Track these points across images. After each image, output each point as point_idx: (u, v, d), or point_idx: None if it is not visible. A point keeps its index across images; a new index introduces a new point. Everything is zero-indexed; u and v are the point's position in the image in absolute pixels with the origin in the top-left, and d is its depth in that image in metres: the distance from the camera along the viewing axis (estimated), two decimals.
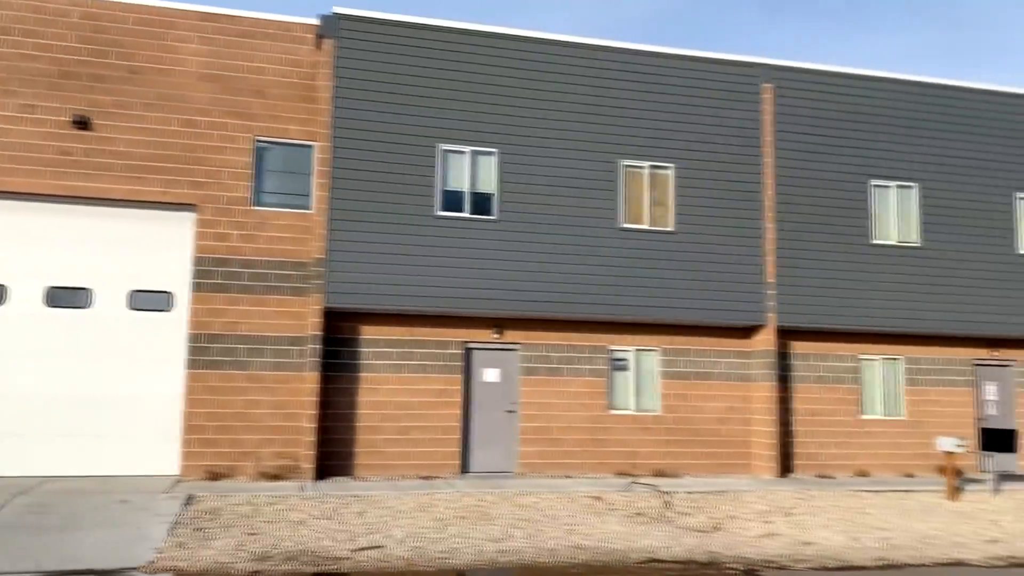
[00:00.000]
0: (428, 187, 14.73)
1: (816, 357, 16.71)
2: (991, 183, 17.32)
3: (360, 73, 14.68)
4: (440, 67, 15.04)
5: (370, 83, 14.70)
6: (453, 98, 15.02)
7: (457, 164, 14.97)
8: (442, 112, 14.94)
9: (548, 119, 15.37)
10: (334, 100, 14.53)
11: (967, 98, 17.43)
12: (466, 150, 14.99)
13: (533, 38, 15.54)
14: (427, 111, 14.87)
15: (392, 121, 14.71)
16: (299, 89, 15.00)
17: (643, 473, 15.42)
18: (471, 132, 15.03)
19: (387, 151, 14.62)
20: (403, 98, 14.80)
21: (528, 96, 15.34)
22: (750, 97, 16.34)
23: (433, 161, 14.80)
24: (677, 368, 16.13)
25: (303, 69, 15.06)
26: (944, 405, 17.22)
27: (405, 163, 14.67)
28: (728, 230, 15.91)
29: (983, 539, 11.40)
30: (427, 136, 14.82)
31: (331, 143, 14.44)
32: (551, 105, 15.42)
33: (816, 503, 13.10)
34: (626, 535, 10.79)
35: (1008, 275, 17.14)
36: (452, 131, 14.94)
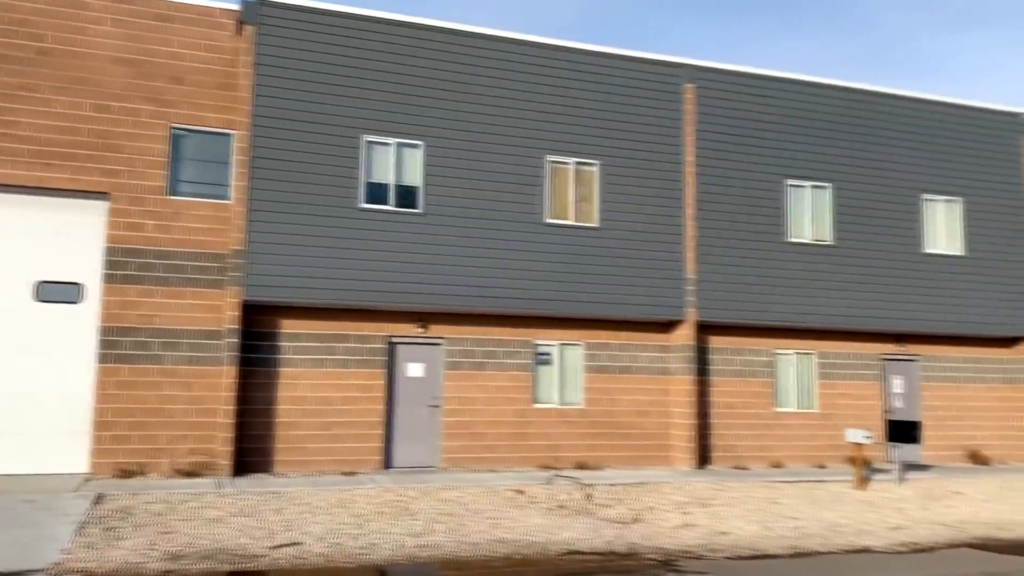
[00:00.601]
0: (351, 179, 14.53)
1: (733, 351, 17.13)
2: (900, 185, 18.03)
3: (282, 61, 14.38)
4: (365, 57, 14.84)
5: (292, 71, 14.41)
6: (378, 89, 14.85)
7: (382, 156, 14.81)
8: (367, 103, 14.75)
9: (475, 113, 15.34)
10: (255, 88, 14.19)
11: (879, 102, 18.11)
12: (391, 142, 14.85)
13: (461, 31, 15.48)
14: (351, 101, 14.66)
15: (315, 111, 14.45)
16: (218, 76, 14.60)
17: (566, 466, 15.57)
18: (396, 124, 14.88)
19: (309, 141, 14.37)
20: (326, 87, 14.56)
21: (455, 89, 15.28)
22: (673, 96, 16.62)
23: (357, 152, 14.61)
24: (600, 362, 16.32)
25: (223, 56, 14.66)
26: (854, 398, 17.88)
27: (328, 154, 14.44)
28: (651, 227, 16.17)
29: (888, 526, 11.89)
30: (351, 127, 14.62)
31: (251, 132, 14.10)
32: (478, 99, 15.39)
33: (732, 494, 13.45)
34: (547, 528, 10.87)
35: (914, 274, 17.89)
36: (377, 122, 14.77)
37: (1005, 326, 18.49)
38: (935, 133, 18.43)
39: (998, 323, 18.41)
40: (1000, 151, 18.92)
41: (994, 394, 18.96)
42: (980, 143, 18.77)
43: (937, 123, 18.49)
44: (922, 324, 17.86)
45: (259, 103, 14.18)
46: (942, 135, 18.48)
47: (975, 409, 18.77)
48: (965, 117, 18.75)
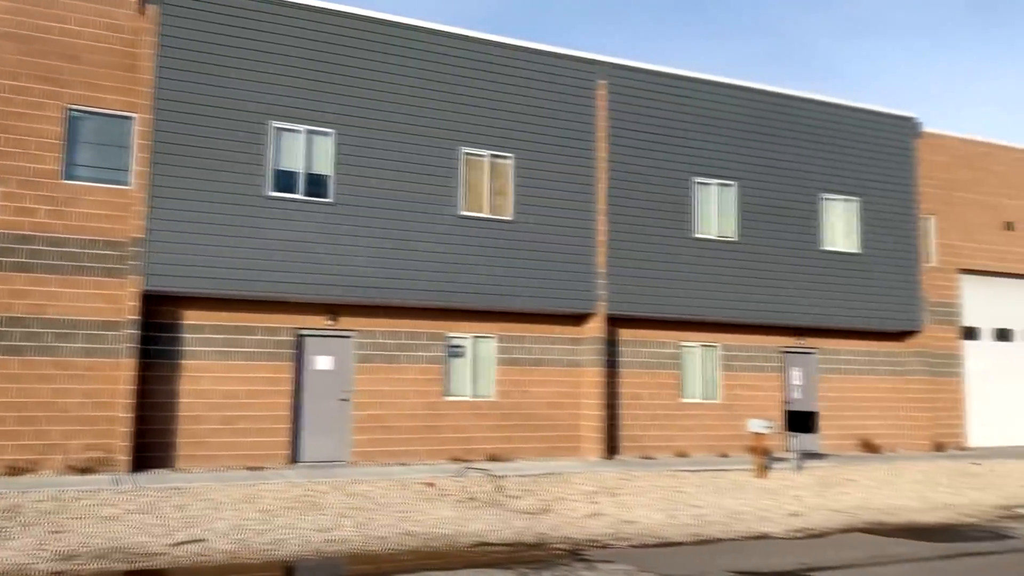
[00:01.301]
0: (259, 166, 14.17)
1: (641, 344, 17.49)
2: (800, 184, 18.72)
3: (186, 43, 13.89)
4: (274, 41, 14.48)
5: (197, 54, 13.94)
6: (287, 74, 14.51)
7: (291, 143, 14.49)
8: (275, 88, 14.40)
9: (389, 102, 15.16)
10: (157, 70, 13.67)
11: (782, 104, 18.74)
12: (301, 129, 14.54)
13: (375, 19, 15.27)
14: (259, 86, 14.29)
15: (221, 95, 14.02)
16: (119, 56, 13.99)
17: (477, 458, 15.61)
18: (306, 111, 14.58)
19: (215, 126, 13.93)
20: (233, 71, 14.15)
21: (368, 77, 15.07)
22: (586, 92, 16.81)
23: (265, 139, 14.25)
24: (513, 355, 16.41)
25: (123, 35, 14.06)
26: (755, 389, 18.51)
27: (234, 140, 14.04)
28: (564, 220, 16.33)
29: (785, 513, 12.35)
30: (259, 112, 14.25)
31: (153, 115, 13.59)
32: (392, 88, 15.22)
33: (639, 483, 13.74)
34: (457, 520, 10.87)
35: (813, 270, 18.62)
36: (286, 108, 14.44)
37: (896, 321, 19.44)
38: (834, 135, 19.20)
39: (890, 318, 19.34)
40: (895, 153, 19.86)
41: (885, 385, 19.92)
42: (876, 145, 19.65)
43: (836, 125, 19.26)
44: (820, 318, 18.61)
45: (162, 86, 13.67)
46: (841, 137, 19.27)
47: (868, 400, 19.69)
48: (863, 120, 19.59)
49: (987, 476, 16.09)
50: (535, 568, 8.56)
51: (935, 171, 20.62)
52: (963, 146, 21.31)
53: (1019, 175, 21.88)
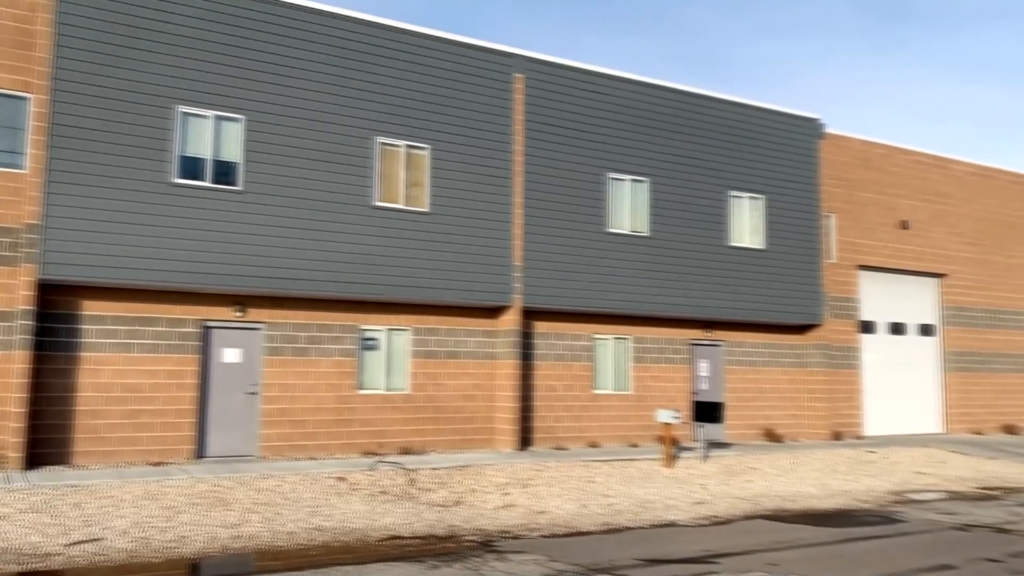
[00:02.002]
0: (164, 152, 13.68)
1: (556, 336, 17.66)
2: (710, 182, 19.20)
3: (86, 20, 13.28)
4: (182, 22, 13.99)
5: (98, 32, 13.34)
6: (196, 57, 14.04)
7: (198, 129, 14.03)
8: (182, 72, 13.91)
9: (302, 88, 14.84)
10: (55, 48, 13.03)
11: (694, 103, 19.17)
12: (209, 114, 14.10)
13: (289, 3, 14.90)
14: (165, 69, 13.78)
15: (124, 77, 13.47)
16: (12, 32, 13.27)
17: (391, 452, 15.49)
18: (215, 96, 14.14)
19: (117, 109, 13.37)
20: (137, 52, 13.60)
21: (281, 63, 14.71)
22: (503, 85, 16.83)
23: (171, 124, 13.76)
24: (428, 347, 16.33)
25: (18, 11, 13.34)
26: (665, 381, 18.94)
27: (138, 124, 13.50)
28: (480, 213, 16.32)
29: (692, 501, 12.68)
30: (164, 96, 13.75)
31: (50, 96, 12.94)
32: (305, 75, 14.90)
33: (551, 474, 13.88)
34: (369, 514, 10.77)
35: (721, 265, 19.14)
36: (193, 93, 13.97)
37: (798, 315, 20.17)
38: (742, 134, 19.76)
39: (792, 312, 20.07)
40: (799, 153, 20.57)
41: (787, 377, 20.67)
42: (782, 145, 20.32)
43: (744, 125, 19.83)
44: (727, 312, 19.16)
45: (60, 65, 13.03)
46: (748, 136, 19.85)
47: (771, 391, 20.39)
48: (769, 120, 20.23)
49: (881, 463, 16.89)
50: (446, 561, 8.55)
51: (837, 171, 21.47)
52: (864, 147, 22.25)
53: (914, 176, 22.99)
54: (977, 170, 24.41)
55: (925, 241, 22.93)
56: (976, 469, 16.92)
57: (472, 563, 8.44)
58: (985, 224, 24.24)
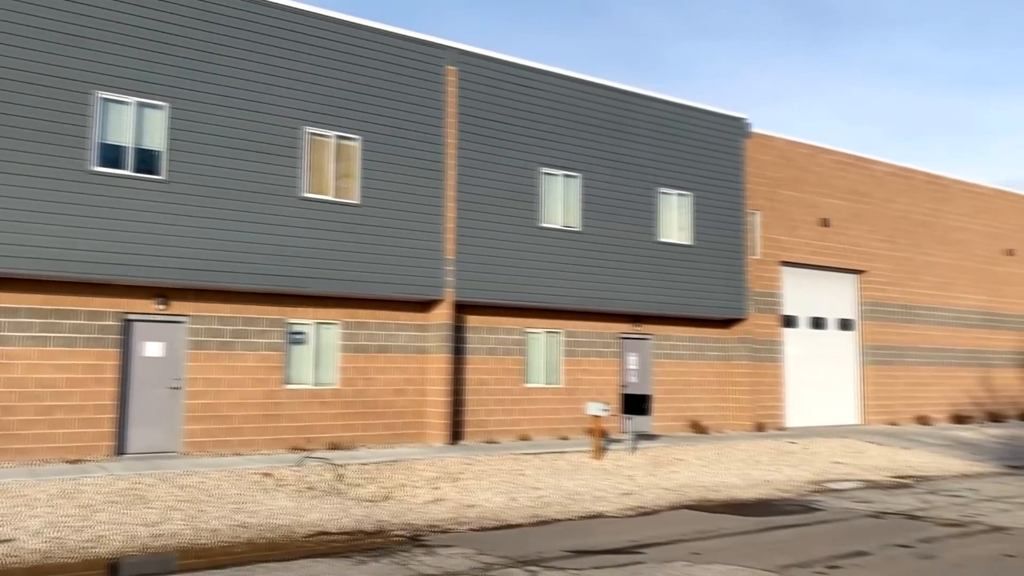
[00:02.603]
0: (83, 139, 13.19)
1: (488, 330, 17.68)
2: (640, 178, 19.47)
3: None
4: (101, 4, 13.49)
5: (11, 12, 12.77)
6: (117, 42, 13.57)
7: (119, 115, 13.57)
8: (102, 56, 13.43)
9: (229, 76, 14.49)
10: None
11: (625, 100, 19.39)
12: (130, 101, 13.65)
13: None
14: (83, 52, 13.28)
15: (39, 60, 12.92)
16: None
17: (319, 447, 15.29)
18: (137, 82, 13.70)
19: (32, 94, 12.83)
20: (53, 35, 13.07)
21: (207, 50, 14.33)
22: (436, 78, 16.73)
23: (90, 110, 13.27)
24: (357, 341, 16.17)
25: None
26: (595, 374, 19.15)
27: (55, 109, 12.98)
28: (412, 206, 16.21)
29: (620, 492, 12.88)
30: (82, 80, 13.25)
31: None
32: (233, 62, 14.54)
33: (481, 467, 13.91)
34: (295, 510, 10.63)
35: (650, 260, 19.43)
36: (114, 78, 13.51)
37: (724, 309, 20.63)
38: (671, 132, 20.08)
39: (718, 306, 20.51)
40: (726, 151, 21.02)
41: (713, 370, 21.13)
42: (709, 143, 20.72)
43: (673, 122, 20.15)
44: (655, 306, 19.46)
45: None
46: (677, 134, 20.18)
47: (697, 383, 20.82)
48: (698, 119, 20.60)
49: (801, 454, 17.43)
50: (374, 556, 8.50)
51: (762, 169, 22.01)
52: (787, 147, 22.86)
53: (835, 176, 23.73)
54: (895, 170, 25.33)
55: (845, 238, 23.69)
56: (891, 459, 17.60)
57: (400, 558, 8.41)
58: (902, 222, 25.18)
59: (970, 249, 26.96)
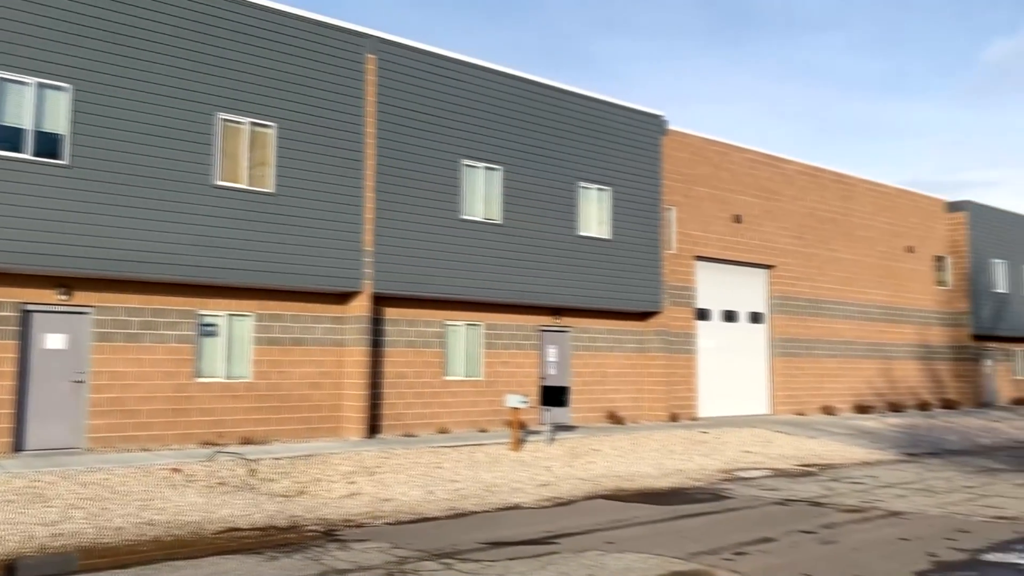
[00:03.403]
0: None
1: (407, 323, 17.56)
2: (561, 172, 19.61)
3: None
4: None
5: None
6: (14, 18, 12.89)
7: (17, 96, 12.91)
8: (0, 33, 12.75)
9: (137, 59, 13.94)
10: None
11: (547, 94, 19.49)
12: (30, 81, 13.00)
13: None
14: None
15: None
16: None
17: (231, 442, 14.91)
18: (37, 61, 13.05)
19: None
20: None
21: (114, 30, 13.75)
22: (355, 66, 16.47)
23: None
24: (272, 334, 15.82)
25: None
26: (515, 366, 19.24)
27: None
28: (329, 196, 15.94)
29: (537, 483, 12.99)
30: None
31: None
32: (141, 43, 14.00)
33: (398, 461, 13.81)
34: (205, 506, 10.35)
35: (570, 253, 19.62)
36: (11, 56, 12.84)
37: (641, 302, 21.00)
38: (591, 127, 20.29)
39: (635, 300, 20.86)
40: (644, 147, 21.36)
41: (629, 362, 21.50)
42: (628, 139, 21.02)
43: (594, 118, 20.37)
44: (575, 299, 19.67)
45: None
46: (597, 129, 20.40)
47: (614, 375, 21.15)
48: (617, 115, 20.87)
49: (713, 443, 17.90)
50: (287, 551, 8.36)
51: (678, 166, 22.46)
52: (703, 144, 23.38)
53: (747, 174, 24.39)
54: (804, 169, 26.21)
55: (756, 234, 24.41)
56: (797, 448, 18.25)
57: (313, 553, 8.29)
58: (810, 219, 26.08)
59: (873, 246, 28.14)
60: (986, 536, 9.42)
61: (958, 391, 30.52)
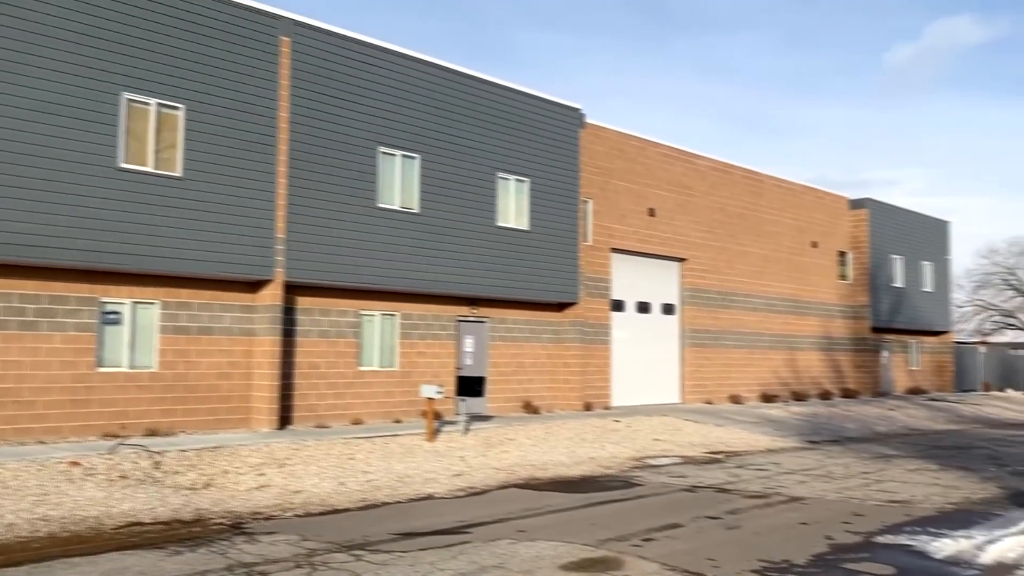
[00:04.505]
0: None
1: (320, 312, 17.26)
2: (480, 162, 19.58)
3: None
4: None
5: None
6: None
7: None
8: None
9: (35, 33, 13.24)
10: None
11: (467, 83, 19.40)
12: None
13: None
14: None
15: None
16: None
17: (135, 434, 14.39)
18: None
19: None
20: None
21: (11, 2, 13.01)
22: (268, 48, 16.05)
23: None
24: (178, 323, 15.32)
25: None
26: (431, 356, 19.15)
27: None
28: (240, 181, 15.50)
29: (451, 473, 12.98)
30: None
31: None
32: (41, 17, 13.29)
33: (310, 452, 13.59)
34: (105, 500, 9.97)
35: (488, 244, 19.62)
36: None
37: (558, 293, 21.19)
38: (511, 118, 20.31)
39: (552, 291, 21.04)
40: (562, 140, 21.51)
41: (546, 352, 21.68)
42: (547, 131, 21.14)
43: (513, 109, 20.39)
44: (492, 290, 19.70)
45: None
46: (517, 120, 20.44)
47: (531, 365, 21.29)
48: (536, 106, 20.95)
49: (624, 432, 18.23)
50: (191, 546, 8.13)
51: (595, 159, 22.72)
52: (620, 139, 23.70)
53: (662, 168, 24.86)
54: (717, 165, 26.88)
55: (669, 228, 24.92)
56: (705, 436, 18.76)
57: (219, 547, 8.09)
58: (721, 214, 26.78)
59: (780, 241, 29.09)
60: (880, 519, 9.88)
61: (857, 381, 31.89)
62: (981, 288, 57.38)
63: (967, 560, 7.95)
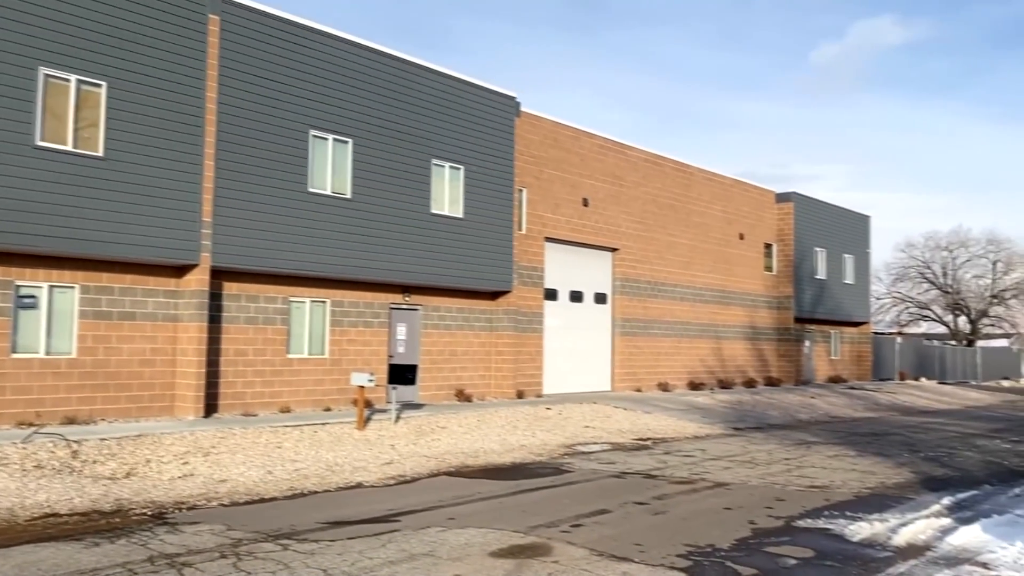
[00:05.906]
0: None
1: (248, 298, 16.90)
2: (414, 148, 19.40)
3: None
4: None
5: None
6: None
7: None
8: None
9: None
10: None
11: (402, 68, 19.18)
12: None
13: None
14: None
15: None
16: None
17: (51, 422, 13.87)
18: None
19: None
20: None
21: None
22: (196, 25, 15.57)
23: None
24: (99, 307, 14.81)
25: None
26: (362, 344, 18.95)
27: None
28: (165, 162, 15.03)
29: (381, 462, 12.89)
30: None
31: None
32: None
33: (236, 441, 13.31)
34: (19, 491, 9.60)
35: (421, 231, 19.48)
36: None
37: (491, 282, 21.18)
38: (446, 104, 20.17)
39: (486, 279, 21.03)
40: (497, 128, 21.47)
41: (479, 340, 21.68)
42: (482, 118, 21.07)
43: (448, 95, 20.25)
44: (426, 277, 19.58)
45: None
46: (452, 107, 20.31)
47: (463, 353, 21.27)
48: (472, 94, 20.85)
49: (556, 419, 18.38)
50: (110, 537, 7.89)
51: (530, 148, 22.75)
52: (555, 128, 23.79)
53: (596, 159, 25.06)
54: (648, 156, 27.22)
55: (602, 218, 25.16)
56: (634, 423, 19.05)
57: (140, 537, 7.87)
58: (652, 205, 27.15)
59: (709, 232, 29.67)
60: (800, 504, 10.20)
61: (781, 370, 32.82)
62: (899, 281, 59.73)
63: (881, 542, 8.26)
